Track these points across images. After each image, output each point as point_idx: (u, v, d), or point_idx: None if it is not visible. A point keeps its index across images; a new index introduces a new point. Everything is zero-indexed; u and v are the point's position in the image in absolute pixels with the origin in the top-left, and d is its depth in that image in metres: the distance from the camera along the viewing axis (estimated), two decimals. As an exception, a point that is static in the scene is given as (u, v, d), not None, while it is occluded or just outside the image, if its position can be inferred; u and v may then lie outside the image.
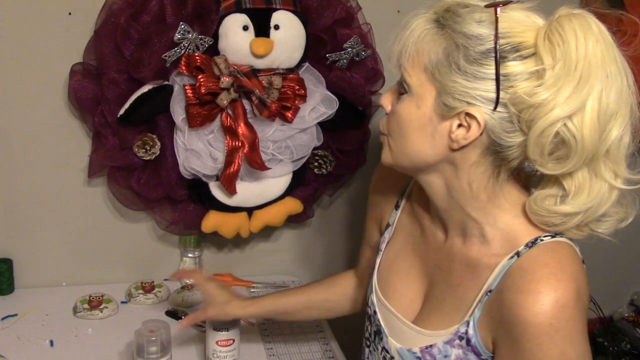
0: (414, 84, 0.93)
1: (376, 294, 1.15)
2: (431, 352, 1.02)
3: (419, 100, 0.93)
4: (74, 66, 1.49)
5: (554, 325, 0.87)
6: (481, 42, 0.88)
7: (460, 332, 0.98)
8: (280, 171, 1.60)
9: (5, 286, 1.62)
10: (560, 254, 0.92)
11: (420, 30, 0.93)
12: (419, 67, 0.92)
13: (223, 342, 1.34)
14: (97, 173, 1.56)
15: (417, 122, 0.94)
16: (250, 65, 1.48)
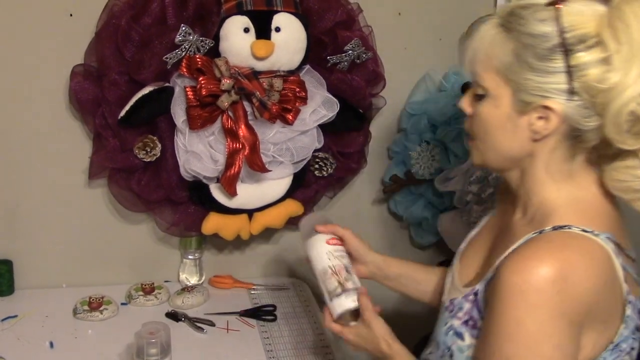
0: (490, 87, 1.00)
1: (454, 259, 1.24)
2: (454, 303, 1.11)
3: (497, 100, 1.00)
4: (74, 68, 1.49)
5: (521, 287, 0.91)
6: (547, 39, 0.93)
7: (476, 289, 1.06)
8: (281, 173, 1.60)
9: (5, 287, 1.62)
10: (576, 242, 0.95)
11: (488, 36, 0.99)
12: (492, 70, 0.99)
13: (332, 240, 1.29)
14: (98, 175, 1.56)
15: (498, 121, 1.01)
16: (251, 67, 1.48)
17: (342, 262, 1.25)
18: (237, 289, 1.78)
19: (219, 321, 1.60)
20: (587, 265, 0.94)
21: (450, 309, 1.11)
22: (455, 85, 1.76)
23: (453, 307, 1.11)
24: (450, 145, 1.74)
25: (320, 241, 1.28)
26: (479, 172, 1.73)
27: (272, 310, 1.67)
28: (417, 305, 1.46)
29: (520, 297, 0.91)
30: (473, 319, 1.06)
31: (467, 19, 1.73)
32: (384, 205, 1.93)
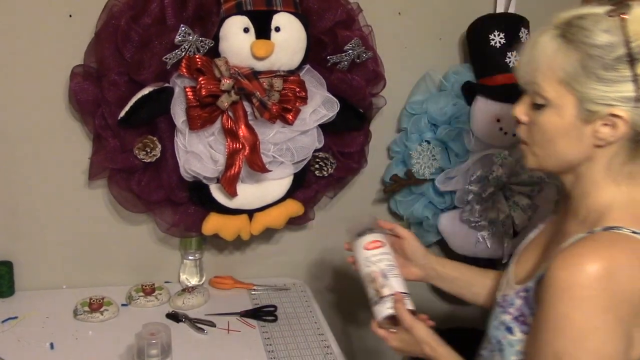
0: (552, 97, 1.02)
1: (512, 259, 1.27)
2: (505, 299, 1.15)
3: (560, 110, 1.02)
4: (74, 68, 1.49)
5: (568, 283, 0.95)
6: (613, 50, 0.97)
7: (528, 285, 1.10)
8: (281, 173, 1.60)
9: (6, 289, 1.61)
10: (623, 242, 0.98)
11: (550, 47, 1.01)
12: (555, 80, 1.01)
13: (371, 244, 1.27)
14: (98, 175, 1.56)
15: (562, 129, 1.03)
16: (251, 67, 1.48)
17: (379, 266, 1.25)
18: (238, 290, 1.77)
19: (219, 322, 1.60)
20: (633, 265, 0.96)
21: (501, 304, 1.15)
22: (455, 84, 1.76)
23: (504, 303, 1.15)
24: (451, 144, 1.74)
25: (359, 247, 1.29)
26: (479, 171, 1.73)
27: (273, 311, 1.67)
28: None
29: (567, 292, 0.95)
30: (523, 315, 1.09)
31: (466, 19, 1.74)
32: (384, 205, 1.93)
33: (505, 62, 1.68)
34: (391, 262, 1.26)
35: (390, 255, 1.27)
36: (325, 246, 1.92)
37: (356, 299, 2.02)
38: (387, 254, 1.26)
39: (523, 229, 1.84)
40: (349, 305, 2.02)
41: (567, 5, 1.93)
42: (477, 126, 1.72)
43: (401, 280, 1.25)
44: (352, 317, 2.04)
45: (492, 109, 1.70)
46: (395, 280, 1.24)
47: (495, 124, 1.71)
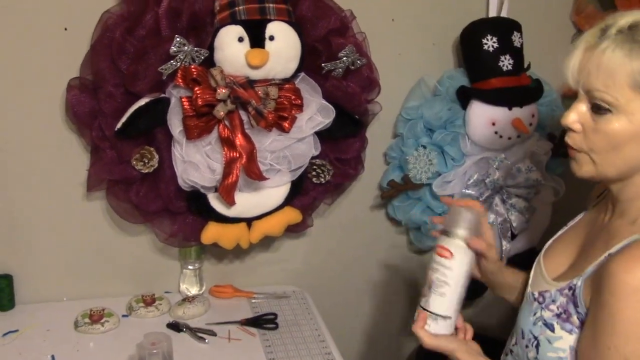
0: (622, 103, 1.00)
1: (539, 254, 1.26)
2: (544, 295, 1.14)
3: (630, 115, 1.01)
4: (70, 81, 1.50)
5: (633, 286, 0.95)
6: None
7: (573, 283, 1.09)
8: (279, 181, 1.60)
9: (6, 302, 1.62)
10: None
11: (619, 53, 0.99)
12: (625, 86, 0.99)
13: (440, 249, 1.16)
14: (96, 187, 1.57)
15: (630, 135, 1.02)
16: (246, 76, 1.49)
17: (432, 275, 1.16)
18: (238, 298, 1.78)
19: (220, 331, 1.60)
20: None
21: (540, 300, 1.15)
22: (450, 89, 1.77)
23: (543, 299, 1.14)
24: (447, 148, 1.75)
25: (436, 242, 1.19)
26: (476, 175, 1.74)
27: (274, 319, 1.67)
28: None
29: (634, 296, 0.95)
30: (567, 313, 1.09)
31: (459, 24, 1.76)
32: (382, 210, 1.94)
33: (498, 65, 1.69)
34: (446, 277, 1.14)
35: (450, 271, 1.14)
36: (324, 253, 1.93)
37: (356, 305, 2.03)
38: (448, 268, 1.14)
39: (521, 231, 1.85)
40: (350, 311, 2.02)
41: (560, 9, 1.96)
42: (472, 130, 1.73)
43: (443, 301, 1.15)
44: (353, 323, 2.05)
45: (487, 113, 1.71)
46: (434, 298, 1.15)
47: (490, 128, 1.72)
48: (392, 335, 2.10)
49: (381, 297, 2.06)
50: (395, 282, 2.03)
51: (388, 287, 2.04)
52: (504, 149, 1.77)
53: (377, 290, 2.04)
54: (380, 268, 2.00)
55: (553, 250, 1.24)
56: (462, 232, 1.15)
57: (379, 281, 2.02)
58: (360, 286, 2.02)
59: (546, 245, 1.28)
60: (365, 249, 1.97)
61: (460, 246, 1.15)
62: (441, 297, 1.15)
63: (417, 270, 2.02)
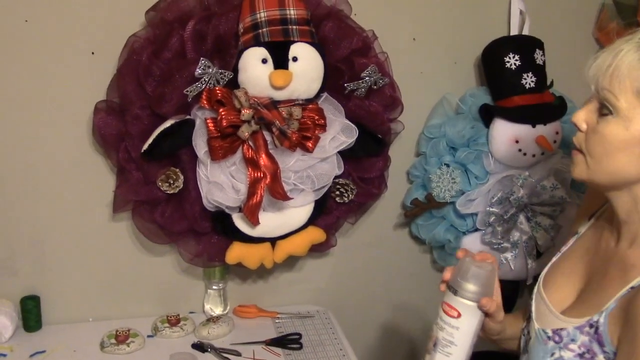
0: (623, 107, 0.98)
1: (538, 285, 1.18)
2: (560, 333, 1.06)
3: (628, 122, 0.98)
4: (97, 104, 1.52)
5: None
6: None
7: (593, 320, 1.02)
8: (302, 201, 1.61)
9: (33, 323, 1.63)
10: None
11: (633, 57, 0.96)
12: (629, 91, 0.97)
13: (447, 307, 1.08)
14: (122, 208, 1.58)
15: (624, 143, 0.98)
16: (270, 97, 1.50)
17: (438, 334, 1.09)
18: (262, 318, 1.78)
19: (245, 351, 1.60)
20: None
21: (556, 339, 1.07)
22: (472, 107, 1.77)
23: (560, 338, 1.07)
24: (470, 167, 1.74)
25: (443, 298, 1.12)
26: (500, 193, 1.73)
27: (298, 339, 1.67)
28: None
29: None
30: (591, 352, 1.02)
31: (481, 42, 1.76)
32: (405, 229, 1.93)
33: (521, 83, 1.68)
34: (452, 338, 1.07)
35: (457, 332, 1.07)
36: (348, 272, 1.92)
37: (380, 324, 2.02)
38: (455, 328, 1.07)
39: (547, 249, 1.83)
40: (374, 331, 2.01)
41: (582, 25, 1.96)
42: (495, 148, 1.72)
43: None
44: (378, 343, 2.03)
45: (510, 131, 1.70)
46: (440, 358, 1.08)
47: (514, 145, 1.71)
48: (416, 354, 2.08)
49: (405, 316, 2.04)
50: (419, 302, 2.02)
51: (412, 306, 2.02)
52: (528, 166, 1.76)
53: (401, 310, 2.02)
54: (404, 287, 1.99)
55: (553, 280, 1.17)
56: (471, 291, 1.06)
57: (402, 300, 2.01)
58: (384, 305, 2.00)
59: (542, 273, 1.20)
60: (389, 268, 1.96)
61: (469, 306, 1.06)
62: (447, 357, 1.08)
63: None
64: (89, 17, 1.52)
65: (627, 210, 1.05)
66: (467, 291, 1.06)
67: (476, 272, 1.06)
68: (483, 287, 1.06)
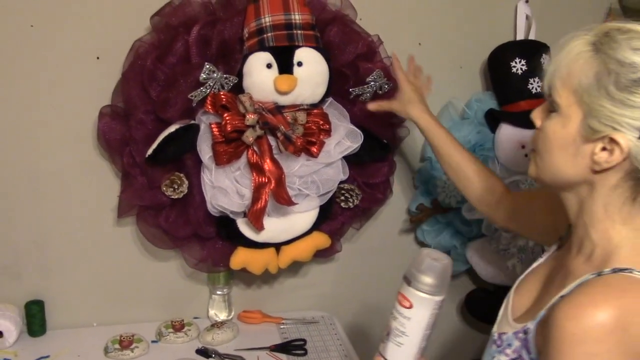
0: (563, 104, 0.96)
1: (511, 289, 1.17)
2: (502, 338, 1.05)
3: (566, 120, 0.95)
4: (102, 109, 1.52)
5: (578, 336, 0.86)
6: (634, 71, 0.89)
7: (527, 327, 1.00)
8: (307, 206, 1.60)
9: (38, 327, 1.63)
10: (636, 288, 0.89)
11: (576, 52, 0.94)
12: (570, 88, 0.94)
13: (401, 297, 1.07)
14: (127, 213, 1.58)
15: (561, 140, 0.96)
16: (274, 102, 1.50)
17: (391, 324, 1.10)
18: (267, 324, 1.77)
19: (249, 357, 1.59)
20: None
21: (497, 343, 1.06)
22: (478, 112, 1.76)
23: (501, 342, 1.05)
24: (476, 172, 1.73)
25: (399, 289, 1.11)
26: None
27: (303, 345, 1.66)
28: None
29: (578, 347, 0.86)
30: (521, 359, 1.01)
31: (487, 47, 1.75)
32: (411, 234, 1.92)
33: (527, 88, 1.68)
34: (404, 328, 1.07)
35: (409, 322, 1.07)
36: (353, 278, 1.91)
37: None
38: (407, 318, 1.07)
39: (553, 255, 1.82)
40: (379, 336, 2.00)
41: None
42: (502, 153, 1.71)
43: (400, 351, 1.09)
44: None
45: (516, 136, 1.69)
46: (392, 347, 1.09)
47: (520, 151, 1.70)
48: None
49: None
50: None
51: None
52: (534, 172, 1.75)
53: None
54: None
55: (522, 287, 1.14)
56: (423, 283, 1.05)
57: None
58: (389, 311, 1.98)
59: (519, 279, 1.17)
60: (394, 274, 1.93)
61: (421, 297, 1.05)
62: (398, 346, 1.09)
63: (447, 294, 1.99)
64: (94, 22, 1.52)
65: (574, 213, 1.02)
66: (420, 283, 1.05)
67: (430, 265, 1.05)
68: (437, 280, 1.05)
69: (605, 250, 0.96)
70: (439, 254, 1.08)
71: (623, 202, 0.95)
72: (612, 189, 0.95)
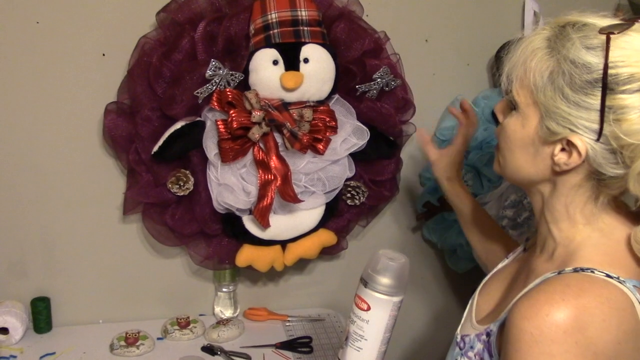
0: (522, 103, 0.92)
1: (475, 291, 1.14)
2: (465, 340, 1.02)
3: (525, 119, 0.92)
4: (108, 105, 1.52)
5: (534, 336, 0.82)
6: (589, 71, 0.84)
7: (490, 329, 0.97)
8: (313, 203, 1.60)
9: (43, 324, 1.63)
10: (595, 288, 0.86)
11: (532, 48, 0.90)
12: (526, 87, 0.91)
13: (358, 300, 1.04)
14: (132, 210, 1.58)
15: (521, 141, 0.93)
16: (280, 98, 1.49)
17: (349, 327, 1.06)
18: (272, 321, 1.76)
19: (255, 354, 1.59)
20: (606, 314, 0.83)
21: (460, 345, 1.02)
22: (485, 109, 1.75)
23: (464, 345, 1.02)
24: (483, 170, 1.73)
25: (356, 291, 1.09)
26: (513, 195, 1.71)
27: (308, 342, 1.65)
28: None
29: (534, 347, 0.82)
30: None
31: (494, 44, 1.74)
32: (417, 232, 1.92)
33: (535, 85, 1.66)
34: (362, 331, 1.04)
35: (367, 325, 1.03)
36: (359, 275, 1.90)
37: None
38: (365, 321, 1.03)
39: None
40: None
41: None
42: (509, 150, 1.70)
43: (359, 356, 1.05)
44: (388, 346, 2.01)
45: (523, 133, 1.68)
46: (350, 352, 1.05)
47: (527, 148, 1.69)
48: (426, 357, 2.06)
49: (415, 319, 2.03)
50: (429, 305, 2.00)
51: (422, 309, 2.01)
52: (542, 169, 1.73)
53: (411, 313, 2.01)
54: (415, 290, 1.98)
55: (487, 288, 1.10)
56: (380, 284, 1.02)
57: (413, 304, 1.99)
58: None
59: (483, 281, 1.13)
60: (400, 272, 1.94)
61: (378, 298, 1.02)
62: (357, 351, 1.05)
63: (453, 292, 1.99)
64: (100, 19, 1.51)
65: (538, 211, 0.99)
66: (377, 283, 1.02)
67: (386, 265, 1.03)
68: (394, 280, 1.02)
69: (567, 249, 0.94)
70: (396, 254, 1.05)
71: (585, 201, 0.93)
72: (573, 188, 0.92)
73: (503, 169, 1.00)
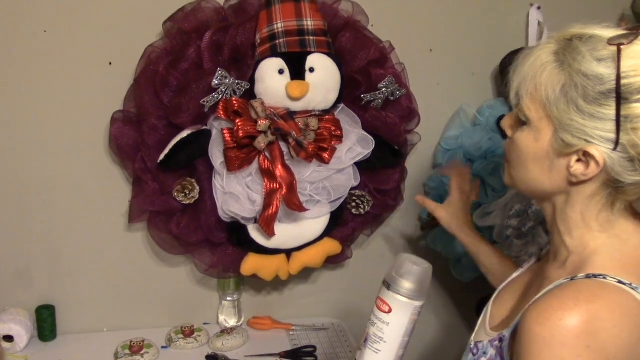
0: (533, 118, 0.92)
1: (491, 299, 1.14)
2: (478, 346, 1.02)
3: (537, 133, 0.93)
4: (114, 114, 1.52)
5: (546, 339, 0.83)
6: (601, 83, 0.86)
7: (503, 334, 0.97)
8: (318, 212, 1.60)
9: (48, 333, 1.63)
10: (607, 294, 0.87)
11: (540, 63, 0.91)
12: (538, 101, 0.91)
13: (380, 302, 1.05)
14: (138, 218, 1.58)
15: (534, 155, 0.94)
16: (286, 108, 1.50)
17: (369, 329, 1.07)
18: (277, 330, 1.76)
19: (259, 363, 1.59)
20: (617, 320, 0.84)
21: (474, 351, 1.03)
22: (489, 118, 1.75)
23: (477, 351, 1.03)
24: (488, 179, 1.73)
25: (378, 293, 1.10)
26: (518, 205, 1.71)
27: (312, 351, 1.65)
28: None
29: (545, 351, 0.83)
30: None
31: (498, 54, 1.75)
32: (422, 241, 1.92)
33: (540, 95, 1.67)
34: (382, 334, 1.05)
35: (387, 327, 1.04)
36: (363, 284, 1.90)
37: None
38: (385, 323, 1.05)
39: (565, 263, 1.80)
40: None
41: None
42: (513, 160, 1.70)
43: (377, 358, 1.05)
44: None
45: (528, 143, 1.68)
46: (368, 354, 1.06)
47: (532, 158, 1.69)
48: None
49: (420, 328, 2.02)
50: (434, 314, 2.00)
51: (427, 318, 2.00)
52: (547, 179, 1.73)
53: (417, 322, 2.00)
54: (420, 300, 1.97)
55: (501, 297, 1.11)
56: (403, 287, 1.03)
57: (418, 314, 1.98)
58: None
59: (497, 290, 1.15)
60: (405, 281, 1.94)
61: (401, 301, 1.03)
62: (375, 353, 1.05)
63: (458, 302, 1.98)
64: (107, 28, 1.52)
65: (550, 221, 1.00)
66: (399, 287, 1.03)
67: (410, 269, 1.04)
68: (416, 284, 1.03)
69: (581, 256, 0.94)
70: (419, 260, 1.06)
71: (600, 209, 0.93)
72: (589, 197, 0.93)
73: (515, 182, 1.00)
